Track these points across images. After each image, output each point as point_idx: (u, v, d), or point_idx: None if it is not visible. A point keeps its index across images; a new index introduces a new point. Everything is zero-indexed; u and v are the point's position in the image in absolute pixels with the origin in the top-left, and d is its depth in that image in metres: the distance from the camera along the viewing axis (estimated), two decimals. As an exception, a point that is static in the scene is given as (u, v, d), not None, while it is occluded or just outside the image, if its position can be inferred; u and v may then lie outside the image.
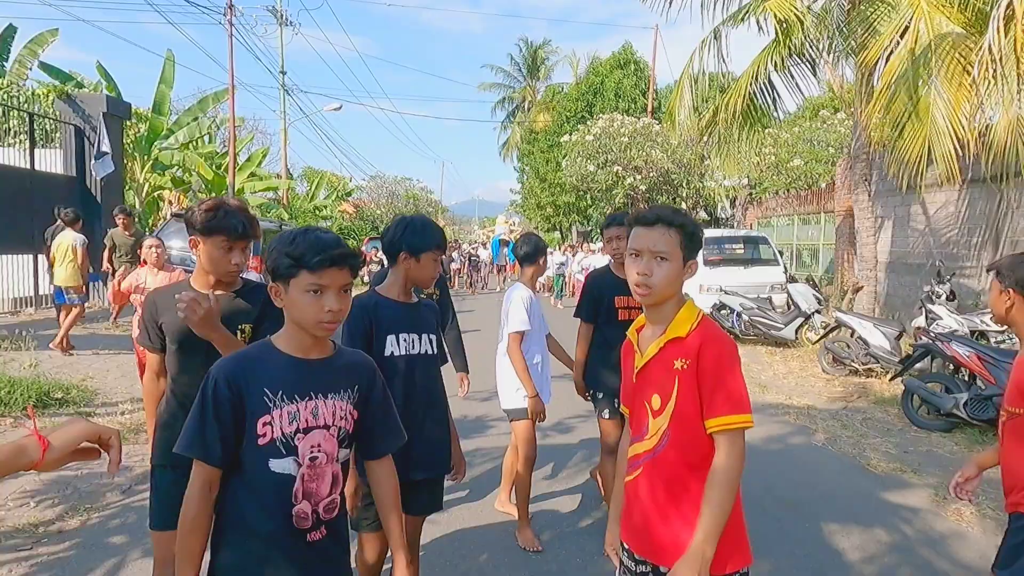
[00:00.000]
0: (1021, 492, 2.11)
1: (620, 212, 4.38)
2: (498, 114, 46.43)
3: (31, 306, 10.88)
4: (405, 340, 2.39)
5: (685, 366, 1.70)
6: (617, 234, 3.45)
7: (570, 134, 20.55)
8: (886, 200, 11.83)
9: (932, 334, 6.30)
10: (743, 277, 12.02)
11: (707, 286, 11.80)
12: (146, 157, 16.92)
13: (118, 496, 4.13)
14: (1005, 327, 6.86)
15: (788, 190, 17.33)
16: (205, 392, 1.54)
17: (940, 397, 5.88)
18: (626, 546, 1.86)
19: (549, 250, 6.33)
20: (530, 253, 3.77)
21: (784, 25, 8.90)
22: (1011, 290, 2.18)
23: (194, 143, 18.31)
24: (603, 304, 3.56)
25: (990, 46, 4.76)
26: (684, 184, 18.50)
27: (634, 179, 17.83)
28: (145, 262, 5.07)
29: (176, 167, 17.47)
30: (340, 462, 1.65)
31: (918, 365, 6.97)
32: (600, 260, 13.12)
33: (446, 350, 2.76)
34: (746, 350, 9.92)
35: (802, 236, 15.93)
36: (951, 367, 6.17)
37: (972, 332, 7.22)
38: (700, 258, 8.37)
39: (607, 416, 3.54)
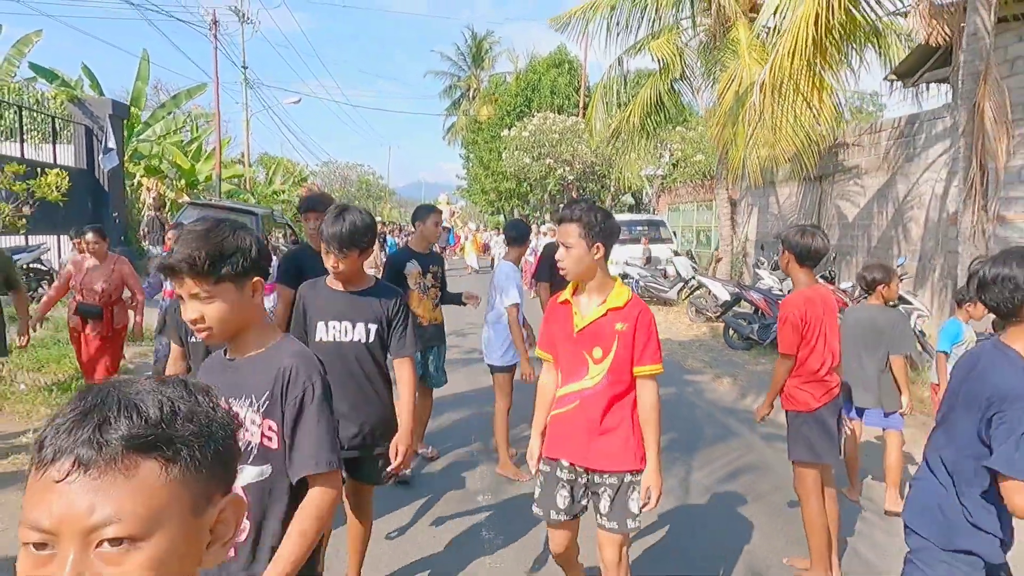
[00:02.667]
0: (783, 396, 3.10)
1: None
2: (444, 100, 48.58)
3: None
4: (335, 328, 2.52)
5: (624, 328, 2.27)
6: None
7: (509, 129, 23.32)
8: (754, 192, 15.05)
9: (740, 285, 9.38)
10: (645, 253, 15.03)
11: (615, 259, 14.78)
12: (125, 148, 18.74)
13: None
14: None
15: (692, 180, 20.52)
16: None
17: (743, 327, 8.95)
18: (563, 461, 2.37)
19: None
20: (517, 236, 4.54)
21: (663, 62, 11.80)
22: (786, 251, 2.99)
23: (167, 135, 20.19)
24: (556, 267, 4.73)
25: (754, 103, 7.73)
26: (607, 175, 21.53)
27: (564, 170, 20.79)
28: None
29: (154, 158, 19.33)
30: (245, 482, 1.47)
31: (742, 308, 10.07)
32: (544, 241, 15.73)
33: (406, 338, 2.62)
34: (641, 308, 12.96)
35: (700, 219, 19.15)
36: (753, 308, 9.27)
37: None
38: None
39: None
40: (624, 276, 14.07)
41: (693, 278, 13.08)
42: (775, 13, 10.29)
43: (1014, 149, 7.92)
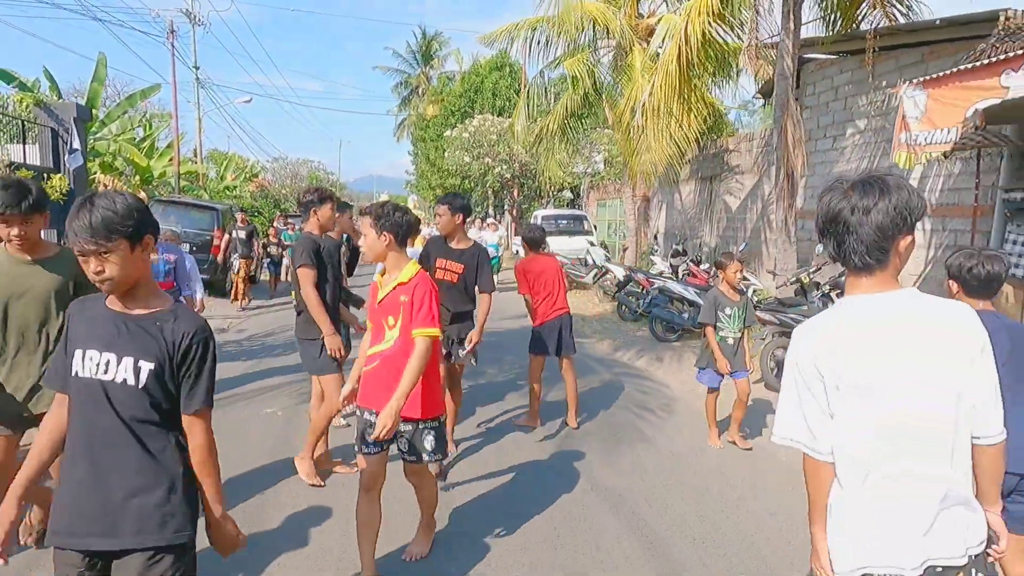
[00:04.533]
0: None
1: (448, 194, 4.82)
2: (395, 98, 49.81)
3: None
4: (92, 360, 1.77)
5: (406, 300, 2.84)
6: (440, 211, 4.56)
7: (452, 129, 24.98)
8: (664, 190, 17.16)
9: (631, 269, 11.36)
10: (568, 243, 16.96)
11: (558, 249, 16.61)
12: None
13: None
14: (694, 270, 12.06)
15: (619, 178, 22.58)
16: None
17: (631, 303, 10.91)
18: (365, 407, 2.94)
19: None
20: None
21: (575, 78, 13.69)
22: (525, 242, 5.82)
23: (122, 133, 21.16)
24: (429, 260, 4.57)
25: (638, 122, 9.67)
26: (541, 173, 23.42)
27: (501, 169, 22.59)
28: None
29: (111, 156, 20.31)
30: None
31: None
32: (490, 236, 17.28)
33: (199, 387, 1.85)
34: (561, 291, 14.90)
35: (623, 214, 21.23)
36: (640, 287, 11.26)
37: (676, 271, 12.39)
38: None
39: None
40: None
41: (603, 265, 15.10)
42: (663, 39, 12.33)
43: (835, 158, 10.09)
